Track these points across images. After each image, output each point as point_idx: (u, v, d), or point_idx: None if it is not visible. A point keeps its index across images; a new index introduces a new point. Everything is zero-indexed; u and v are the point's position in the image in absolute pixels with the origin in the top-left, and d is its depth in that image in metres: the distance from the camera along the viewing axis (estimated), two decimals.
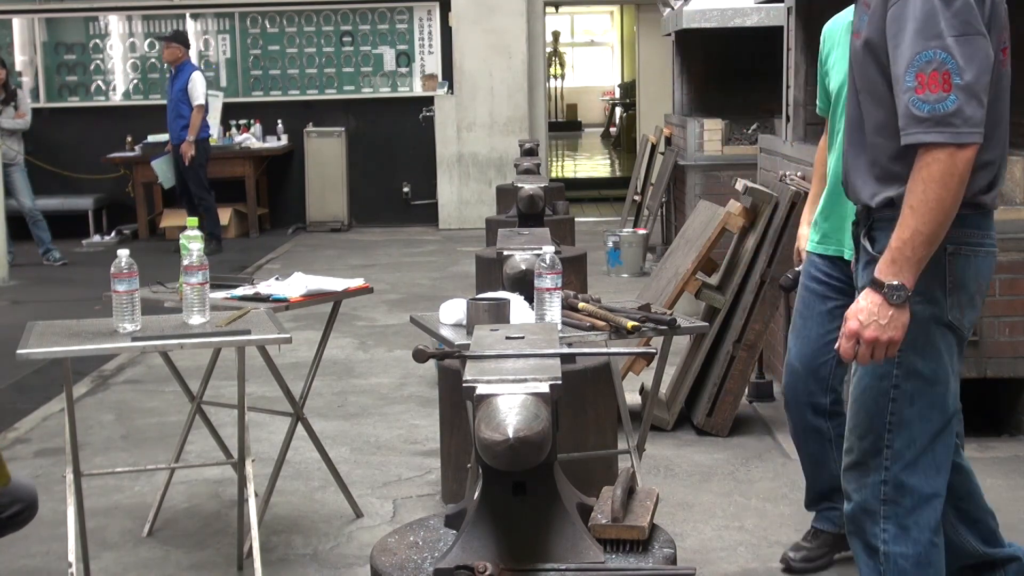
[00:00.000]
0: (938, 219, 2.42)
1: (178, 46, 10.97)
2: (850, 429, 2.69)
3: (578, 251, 6.54)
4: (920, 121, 2.40)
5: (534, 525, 2.37)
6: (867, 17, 2.57)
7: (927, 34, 2.39)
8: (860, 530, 2.69)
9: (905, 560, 2.64)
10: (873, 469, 2.64)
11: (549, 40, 18.62)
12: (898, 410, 2.60)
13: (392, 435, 5.38)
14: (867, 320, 2.47)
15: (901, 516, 2.63)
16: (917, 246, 2.43)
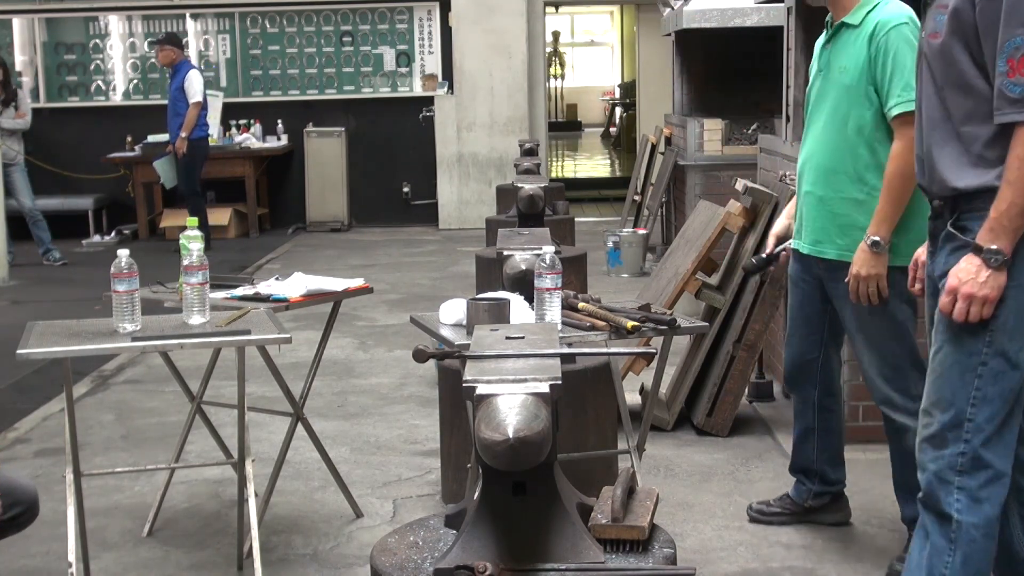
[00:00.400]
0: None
1: (171, 48, 10.99)
2: (931, 403, 2.80)
3: (578, 251, 6.54)
4: (1012, 102, 2.59)
5: (534, 525, 2.37)
6: (944, 17, 2.73)
7: (1014, 22, 2.58)
8: (934, 499, 2.79)
9: (976, 530, 2.75)
10: (951, 442, 2.75)
11: (549, 40, 18.62)
12: (983, 386, 2.73)
13: (392, 435, 5.38)
14: (965, 278, 2.67)
15: (975, 488, 2.74)
16: (1013, 216, 2.62)
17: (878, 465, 4.72)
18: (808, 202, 3.77)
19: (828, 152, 3.70)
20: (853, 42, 3.62)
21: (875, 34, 3.55)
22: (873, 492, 4.46)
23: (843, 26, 3.66)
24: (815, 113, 3.77)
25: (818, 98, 3.76)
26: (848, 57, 3.62)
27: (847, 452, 4.15)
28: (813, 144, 3.76)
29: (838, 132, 3.66)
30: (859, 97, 3.60)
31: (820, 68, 3.78)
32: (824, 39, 3.80)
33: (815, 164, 3.74)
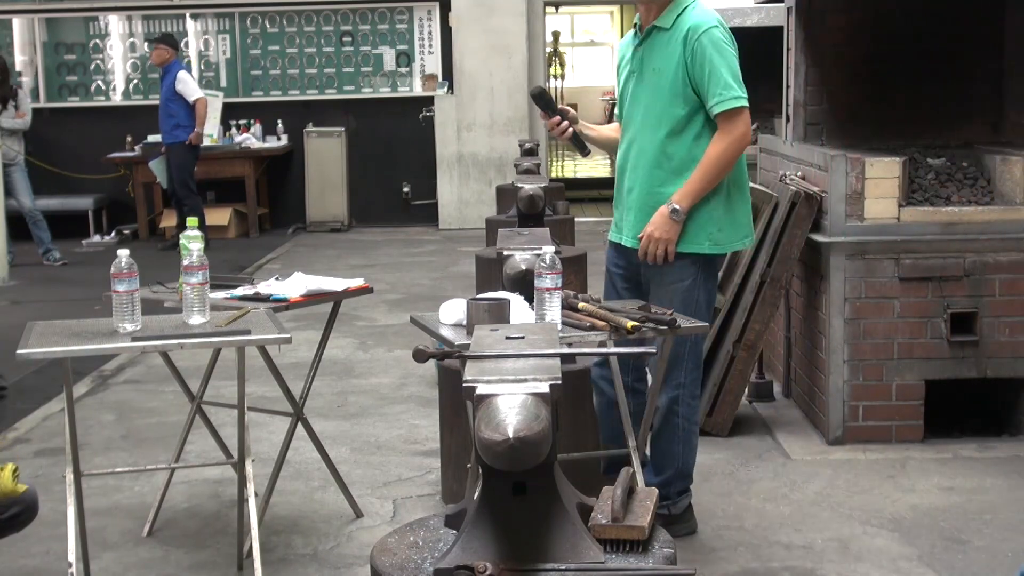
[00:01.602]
0: None
1: (166, 47, 11.01)
2: None
3: (578, 251, 6.55)
4: None
5: (534, 525, 2.37)
6: None
7: None
8: None
9: None
10: None
11: (549, 40, 18.62)
12: None
13: (392, 435, 5.38)
14: None
15: None
16: None
17: (878, 465, 4.72)
18: (631, 198, 4.01)
19: (647, 150, 3.91)
20: (665, 45, 3.84)
21: (688, 38, 3.78)
22: (873, 492, 4.46)
23: (655, 29, 3.86)
24: (632, 113, 3.98)
25: (633, 98, 3.97)
26: (661, 59, 3.84)
27: (847, 452, 4.15)
28: (632, 143, 3.97)
29: (654, 131, 3.88)
30: (674, 97, 3.83)
31: (633, 70, 3.97)
32: (634, 42, 3.98)
33: (635, 162, 3.96)
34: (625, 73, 4.05)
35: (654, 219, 3.88)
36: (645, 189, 3.96)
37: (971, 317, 4.88)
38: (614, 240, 4.14)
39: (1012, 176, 4.96)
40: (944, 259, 4.88)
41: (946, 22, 5.49)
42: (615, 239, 4.13)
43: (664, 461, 4.02)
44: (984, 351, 4.88)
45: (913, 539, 4.02)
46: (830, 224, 4.93)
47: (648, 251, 3.90)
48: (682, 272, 3.93)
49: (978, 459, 4.79)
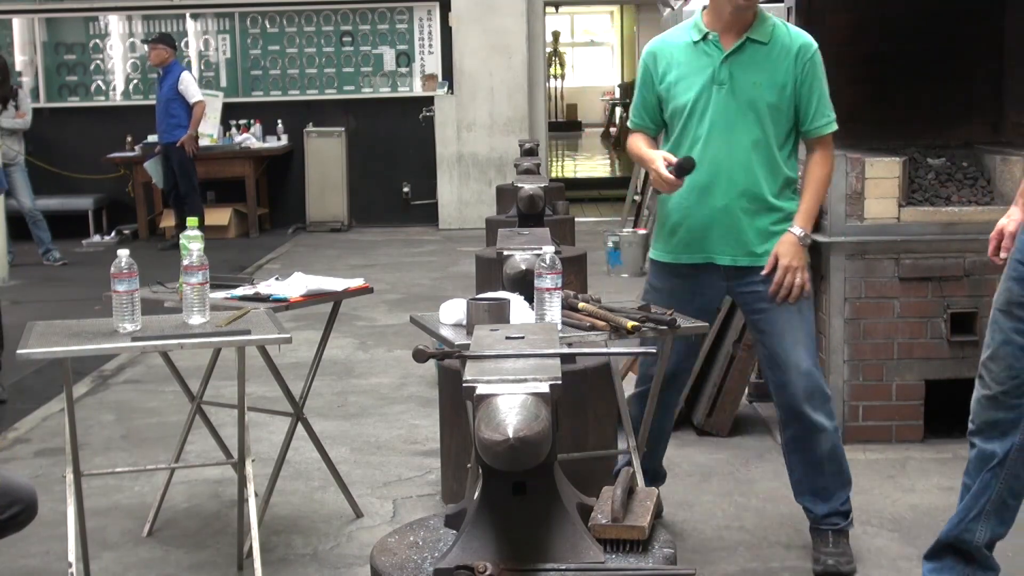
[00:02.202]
0: None
1: (164, 47, 11.03)
2: None
3: (578, 251, 6.54)
4: None
5: (534, 525, 2.37)
6: None
7: None
8: None
9: None
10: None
11: (549, 40, 18.62)
12: None
13: (392, 435, 5.38)
14: None
15: None
16: None
17: (878, 465, 4.72)
18: (728, 216, 3.74)
19: (748, 166, 3.71)
20: (766, 59, 3.70)
21: (799, 56, 3.70)
22: (873, 492, 4.46)
23: (750, 42, 3.72)
24: (718, 125, 3.71)
25: (720, 110, 3.71)
26: (763, 73, 3.70)
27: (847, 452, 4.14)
28: (721, 157, 3.71)
29: (759, 147, 3.71)
30: (778, 113, 3.72)
31: (720, 81, 3.70)
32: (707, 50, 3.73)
33: (733, 179, 3.71)
34: (696, 82, 3.74)
35: (786, 248, 3.70)
36: (753, 207, 3.73)
37: (971, 317, 4.88)
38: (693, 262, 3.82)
39: (1012, 176, 4.95)
40: (944, 259, 4.88)
41: (946, 22, 5.48)
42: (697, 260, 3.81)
43: (839, 481, 3.86)
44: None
45: (913, 539, 4.01)
46: (830, 224, 4.93)
47: (785, 283, 3.71)
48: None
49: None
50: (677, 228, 3.82)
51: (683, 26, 3.87)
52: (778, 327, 3.75)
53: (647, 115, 3.90)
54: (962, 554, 3.28)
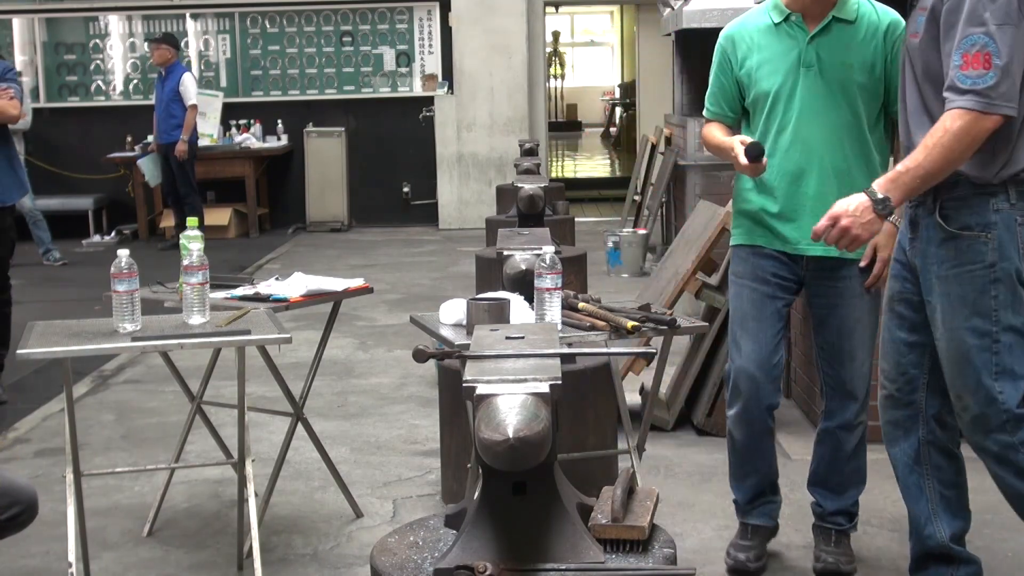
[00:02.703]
0: (941, 163, 2.85)
1: (168, 47, 11.04)
2: (960, 388, 3.04)
3: (578, 251, 6.55)
4: (961, 92, 2.82)
5: (534, 525, 2.37)
6: (923, 18, 2.98)
7: (973, 21, 2.82)
8: (1008, 463, 3.04)
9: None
10: (993, 416, 3.00)
11: (549, 40, 18.62)
12: (1001, 361, 2.98)
13: (392, 435, 5.38)
14: (850, 212, 2.94)
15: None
16: (916, 177, 2.89)
17: (878, 465, 4.71)
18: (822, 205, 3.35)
19: (841, 151, 3.54)
20: (853, 38, 3.53)
21: (888, 35, 3.53)
22: (873, 492, 4.45)
23: (836, 21, 3.55)
24: (806, 110, 3.54)
25: (808, 93, 3.54)
26: (853, 53, 3.52)
27: None
28: (815, 144, 3.54)
29: (851, 130, 3.54)
30: (872, 95, 3.54)
31: (807, 64, 3.53)
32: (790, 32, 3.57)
33: (824, 165, 3.54)
34: (780, 66, 3.57)
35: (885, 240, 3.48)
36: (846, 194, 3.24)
37: None
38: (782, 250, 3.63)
39: None
40: None
41: None
42: (788, 249, 3.62)
43: (856, 478, 3.82)
44: None
45: None
46: None
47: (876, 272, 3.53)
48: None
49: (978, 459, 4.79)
50: (762, 215, 3.63)
51: (759, 9, 3.68)
52: (849, 323, 3.62)
53: (725, 103, 3.73)
54: (938, 558, 3.27)
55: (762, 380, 3.63)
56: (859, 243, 2.98)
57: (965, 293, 2.98)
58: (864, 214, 2.93)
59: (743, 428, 3.70)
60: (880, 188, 2.92)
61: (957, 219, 2.96)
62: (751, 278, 3.67)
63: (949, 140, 2.82)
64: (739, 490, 3.81)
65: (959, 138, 2.82)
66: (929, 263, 3.03)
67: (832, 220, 2.96)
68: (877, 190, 2.91)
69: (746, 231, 3.70)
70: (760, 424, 3.69)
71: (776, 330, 3.66)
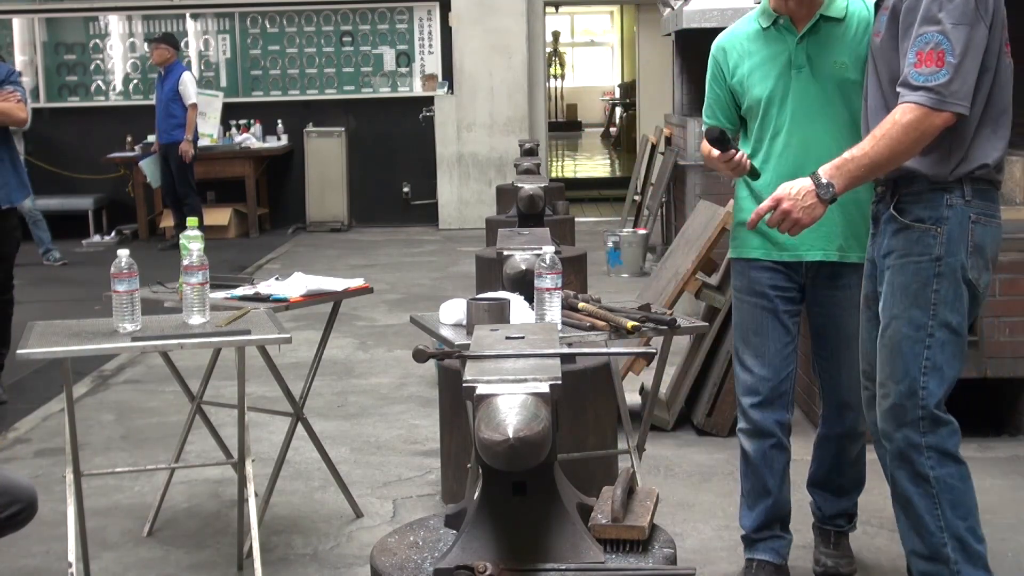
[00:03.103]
0: (887, 155, 2.89)
1: (167, 47, 11.05)
2: (886, 376, 3.04)
3: (578, 251, 6.54)
4: (914, 89, 2.86)
5: (534, 525, 2.37)
6: (885, 18, 3.03)
7: (928, 20, 2.86)
8: (907, 462, 3.03)
9: (952, 478, 3.02)
10: (911, 408, 3.00)
11: (549, 40, 18.62)
12: (932, 356, 2.99)
13: (392, 435, 5.38)
14: (792, 195, 2.97)
15: (940, 443, 3.01)
16: (861, 166, 2.93)
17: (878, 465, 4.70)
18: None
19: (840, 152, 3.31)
20: (843, 36, 3.47)
21: None
22: (873, 492, 4.45)
23: (824, 20, 3.47)
24: (799, 112, 3.48)
25: (801, 96, 3.48)
26: (844, 51, 3.46)
27: None
28: (811, 146, 3.46)
29: (848, 131, 3.43)
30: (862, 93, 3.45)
31: (797, 65, 3.48)
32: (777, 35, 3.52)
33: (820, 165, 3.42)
34: (771, 71, 3.52)
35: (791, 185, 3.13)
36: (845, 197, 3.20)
37: None
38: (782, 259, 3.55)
39: (1012, 176, 4.96)
40: None
41: None
42: (784, 258, 3.54)
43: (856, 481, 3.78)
44: (984, 351, 4.87)
45: None
46: None
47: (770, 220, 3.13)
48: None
49: (978, 459, 4.79)
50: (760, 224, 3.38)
51: (748, 16, 3.64)
52: (846, 332, 3.54)
53: (721, 113, 3.66)
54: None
55: (768, 395, 3.58)
56: (800, 227, 2.98)
57: (908, 283, 3.00)
58: (806, 198, 2.95)
59: (752, 443, 3.63)
60: (825, 174, 2.94)
61: (911, 212, 2.99)
62: (748, 292, 3.61)
63: (897, 132, 2.86)
64: (747, 518, 3.66)
65: (907, 131, 2.85)
66: (882, 254, 3.08)
67: (775, 202, 2.99)
68: (822, 175, 2.94)
69: (741, 242, 3.62)
70: (769, 440, 3.61)
71: (781, 344, 3.59)
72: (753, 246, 3.58)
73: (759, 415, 3.60)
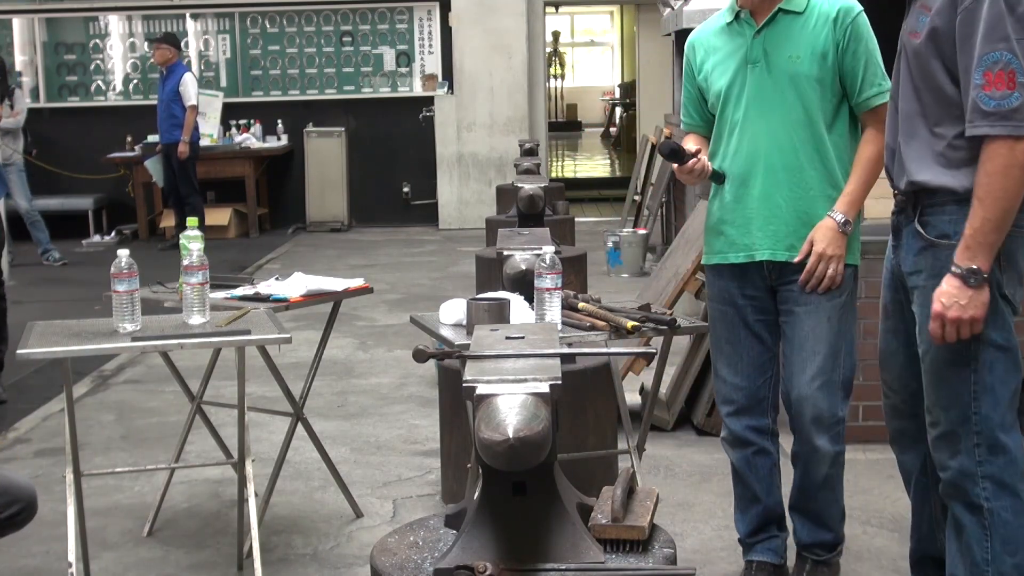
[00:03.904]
0: (1004, 207, 2.68)
1: (168, 47, 11.05)
2: (932, 402, 2.88)
3: (578, 251, 6.54)
4: (985, 115, 2.65)
5: (534, 525, 2.37)
6: (927, 19, 2.79)
7: (994, 37, 2.64)
8: (961, 493, 2.86)
9: (1006, 512, 2.83)
10: (964, 436, 2.83)
11: (549, 40, 18.63)
12: (980, 379, 2.81)
13: (392, 435, 5.38)
14: (949, 302, 2.73)
15: (997, 473, 2.83)
16: (988, 232, 2.68)
17: (878, 465, 4.72)
18: (769, 206, 3.40)
19: (791, 149, 3.38)
20: (802, 29, 3.37)
21: (839, 21, 3.35)
22: (873, 492, 4.46)
23: (782, 13, 3.39)
24: (754, 107, 3.40)
25: (756, 91, 3.40)
26: (800, 45, 3.36)
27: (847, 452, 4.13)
28: (761, 143, 3.40)
29: (802, 126, 3.37)
30: (823, 87, 3.36)
31: (752, 59, 3.40)
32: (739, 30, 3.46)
33: (772, 163, 3.39)
34: (731, 65, 3.45)
35: (822, 234, 3.34)
36: (796, 194, 3.38)
37: None
38: (736, 261, 3.48)
39: None
40: None
41: None
42: (739, 259, 3.47)
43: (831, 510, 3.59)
44: None
45: None
46: None
47: (818, 272, 3.35)
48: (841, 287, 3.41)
49: None
50: (721, 226, 3.49)
51: (720, 11, 3.56)
52: (799, 336, 3.43)
53: (694, 111, 3.61)
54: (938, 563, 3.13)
55: (744, 404, 3.54)
56: (979, 321, 2.74)
57: None
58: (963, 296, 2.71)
59: (733, 452, 3.60)
60: (963, 262, 2.70)
61: (935, 227, 2.82)
62: (719, 300, 3.56)
63: (997, 184, 2.65)
64: (741, 522, 3.64)
65: (1006, 176, 2.64)
66: (909, 272, 2.92)
67: (938, 318, 2.74)
68: (961, 264, 2.70)
69: (708, 248, 3.57)
70: (749, 448, 3.56)
71: (755, 352, 3.52)
72: (715, 250, 3.53)
73: (736, 424, 3.56)
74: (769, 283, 3.48)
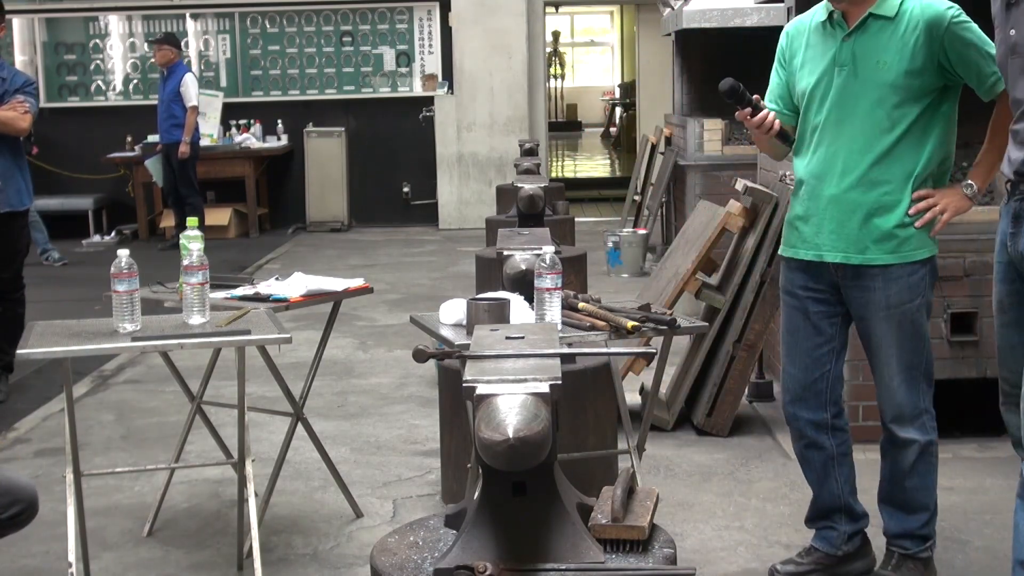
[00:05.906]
0: None
1: (169, 48, 11.04)
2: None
3: (578, 251, 6.54)
4: None
5: (534, 525, 2.37)
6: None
7: None
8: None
9: None
10: None
11: (549, 40, 18.63)
12: None
13: (392, 435, 5.38)
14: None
15: None
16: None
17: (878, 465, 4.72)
18: (839, 209, 3.44)
19: (870, 154, 3.41)
20: (892, 36, 3.38)
21: (933, 30, 3.33)
22: (873, 492, 4.45)
23: (872, 18, 3.39)
24: (837, 111, 3.44)
25: (841, 95, 3.43)
26: (887, 52, 3.37)
27: None
28: (840, 146, 3.44)
29: (882, 133, 3.39)
30: (908, 93, 3.37)
31: (841, 63, 3.42)
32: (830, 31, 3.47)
33: (848, 167, 3.42)
34: (819, 65, 3.47)
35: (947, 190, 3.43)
36: (869, 199, 3.41)
37: (971, 317, 4.88)
38: (807, 258, 3.54)
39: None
40: (944, 259, 4.86)
41: None
42: (808, 256, 3.53)
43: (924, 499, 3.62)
44: (984, 351, 4.87)
45: None
46: None
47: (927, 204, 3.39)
48: (915, 284, 3.45)
49: (978, 459, 4.80)
50: (796, 221, 3.55)
51: (819, 5, 3.56)
52: (875, 339, 3.50)
53: (778, 97, 3.63)
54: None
55: (799, 394, 3.63)
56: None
57: None
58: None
59: (793, 443, 3.77)
60: None
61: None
62: (785, 292, 3.66)
63: None
64: (811, 504, 3.78)
65: None
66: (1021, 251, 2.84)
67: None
68: None
69: (784, 239, 3.65)
70: (802, 441, 3.68)
71: (812, 344, 3.58)
72: (789, 244, 3.62)
73: (791, 412, 3.68)
74: (834, 279, 3.53)
